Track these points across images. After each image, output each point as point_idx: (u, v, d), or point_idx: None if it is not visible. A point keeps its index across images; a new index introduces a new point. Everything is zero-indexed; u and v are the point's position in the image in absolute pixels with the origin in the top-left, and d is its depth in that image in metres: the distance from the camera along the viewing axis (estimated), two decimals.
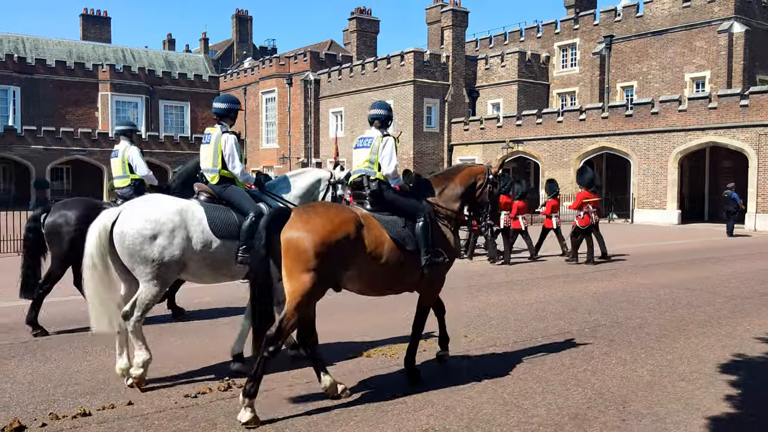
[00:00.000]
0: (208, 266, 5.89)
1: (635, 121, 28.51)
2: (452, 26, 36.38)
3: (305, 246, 4.93)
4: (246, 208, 6.06)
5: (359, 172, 5.93)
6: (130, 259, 5.57)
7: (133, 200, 6.00)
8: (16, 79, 44.50)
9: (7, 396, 5.49)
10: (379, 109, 6.16)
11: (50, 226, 7.77)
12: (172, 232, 5.62)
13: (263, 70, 45.63)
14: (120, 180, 8.36)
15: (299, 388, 5.66)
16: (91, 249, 5.59)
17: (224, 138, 6.17)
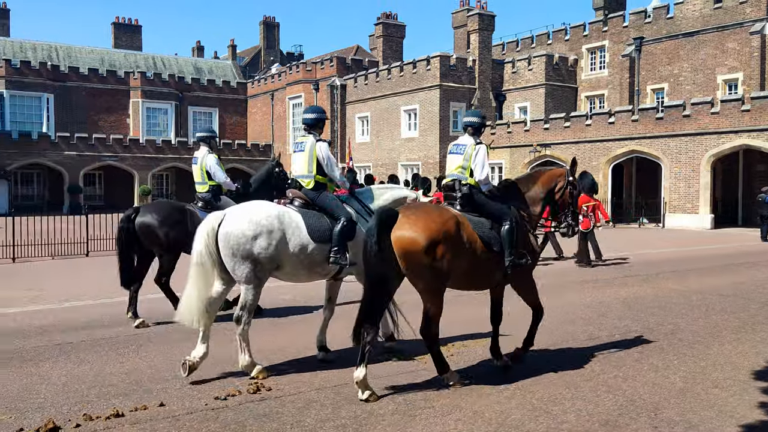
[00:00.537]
0: (304, 267, 6.31)
1: (666, 123, 28.10)
2: (479, 30, 36.28)
3: (418, 245, 5.39)
4: (338, 213, 6.47)
5: (452, 177, 6.40)
6: (232, 258, 5.97)
7: (237, 205, 6.48)
8: (50, 87, 45.48)
9: (42, 397, 5.60)
10: (472, 117, 6.56)
11: (141, 225, 8.46)
12: (271, 234, 6.02)
13: (290, 76, 45.98)
14: (200, 186, 9.02)
15: (328, 392, 5.68)
16: (199, 247, 6.05)
17: (318, 146, 6.60)
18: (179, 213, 8.69)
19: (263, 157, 48.54)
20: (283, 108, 47.23)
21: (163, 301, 9.02)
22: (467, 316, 8.90)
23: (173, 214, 8.61)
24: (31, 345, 7.44)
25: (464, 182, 6.26)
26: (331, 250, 6.29)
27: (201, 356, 6.04)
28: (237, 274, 6.02)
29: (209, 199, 8.90)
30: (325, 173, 6.60)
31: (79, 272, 14.30)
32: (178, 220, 8.59)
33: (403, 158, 37.67)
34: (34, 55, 47.70)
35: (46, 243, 17.19)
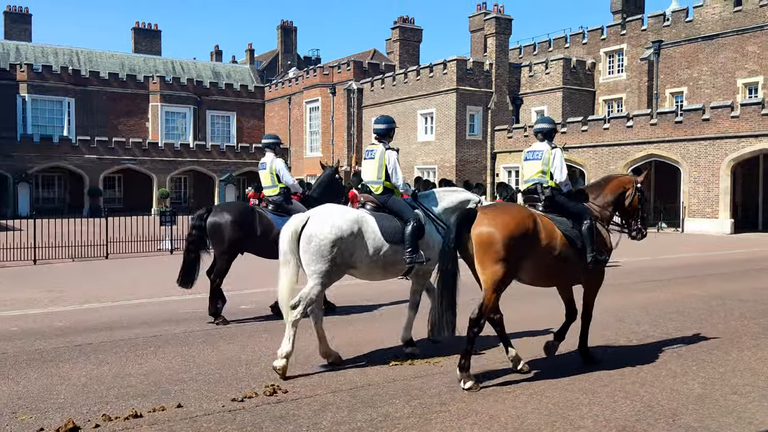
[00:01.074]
0: (379, 267, 6.73)
1: (685, 127, 27.84)
2: (495, 34, 36.22)
3: (495, 239, 5.77)
4: (407, 215, 6.86)
5: (533, 181, 6.78)
6: (311, 257, 6.34)
7: (318, 208, 6.75)
8: (71, 91, 46.08)
9: (62, 397, 5.68)
10: (543, 124, 6.91)
11: (212, 224, 8.79)
12: (350, 236, 6.41)
13: (307, 80, 46.19)
14: (269, 189, 9.34)
15: (344, 394, 5.71)
16: (284, 247, 6.45)
17: (387, 154, 7.06)
18: (249, 214, 8.97)
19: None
20: (300, 112, 47.44)
21: None
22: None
23: (244, 215, 8.89)
24: (51, 346, 7.55)
25: (545, 185, 6.66)
26: (405, 251, 6.68)
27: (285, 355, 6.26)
28: (311, 269, 6.38)
29: (280, 202, 9.20)
30: (390, 180, 7.03)
31: (99, 274, 14.47)
32: (247, 222, 8.89)
33: (420, 162, 37.68)
34: (56, 59, 48.35)
35: (66, 245, 17.42)
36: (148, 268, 15.53)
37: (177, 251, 19.05)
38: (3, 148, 40.50)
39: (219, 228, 8.77)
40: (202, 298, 11.08)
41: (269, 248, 8.80)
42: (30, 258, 16.72)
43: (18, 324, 8.90)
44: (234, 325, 8.74)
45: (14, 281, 13.41)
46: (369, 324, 8.72)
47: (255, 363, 6.74)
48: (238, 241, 8.82)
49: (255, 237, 8.88)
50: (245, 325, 8.74)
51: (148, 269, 15.38)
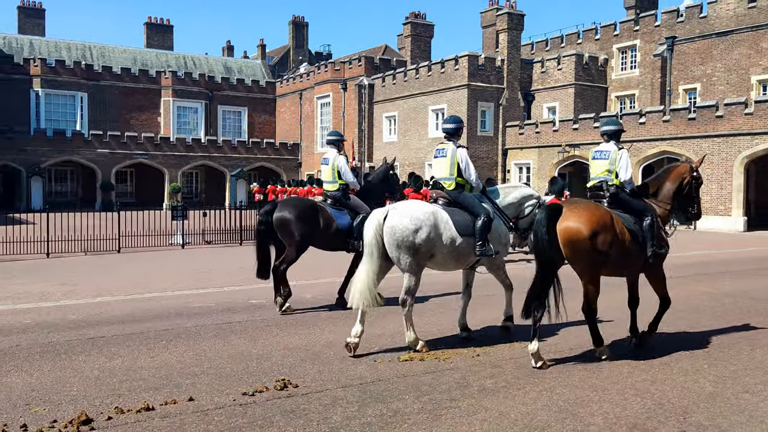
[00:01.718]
0: (453, 257, 7.19)
1: (698, 124, 27.64)
2: (507, 29, 36.07)
3: (582, 235, 6.30)
4: (478, 210, 7.30)
5: (599, 179, 7.23)
6: (397, 248, 6.84)
7: (398, 203, 7.25)
8: (84, 86, 46.35)
9: (75, 390, 5.73)
10: (609, 126, 7.39)
11: (279, 219, 9.12)
12: (429, 227, 6.87)
13: (318, 76, 46.22)
14: (329, 184, 9.68)
15: (354, 389, 5.73)
16: (368, 239, 6.91)
17: (459, 152, 7.48)
18: (312, 209, 9.28)
19: (291, 155, 48.89)
20: (311, 107, 47.48)
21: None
22: (496, 318, 8.90)
23: (307, 210, 9.21)
24: (64, 339, 7.62)
25: (611, 183, 7.12)
26: (476, 244, 7.15)
27: (412, 340, 6.91)
28: (401, 263, 6.90)
29: (339, 197, 9.52)
30: (463, 176, 7.45)
31: (111, 268, 14.58)
32: (312, 216, 9.22)
33: (430, 157, 37.51)
34: (69, 54, 48.63)
35: (78, 239, 17.55)
36: (159, 262, 15.62)
37: (188, 245, 19.16)
38: (16, 143, 40.82)
39: (285, 222, 9.09)
40: (212, 292, 11.16)
41: (330, 241, 9.42)
42: (43, 251, 16.86)
43: (31, 317, 8.99)
44: (245, 319, 8.78)
45: (28, 274, 13.53)
46: (378, 319, 8.73)
47: (266, 357, 6.77)
48: (305, 234, 9.14)
49: (318, 230, 9.22)
50: (256, 319, 8.78)
51: (159, 263, 15.47)
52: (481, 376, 6.11)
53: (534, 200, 7.88)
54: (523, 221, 7.84)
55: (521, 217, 7.85)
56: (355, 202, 9.52)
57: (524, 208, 7.88)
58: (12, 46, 47.03)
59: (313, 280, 12.61)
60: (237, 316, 9.00)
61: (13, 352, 6.99)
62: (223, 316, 8.99)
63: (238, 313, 9.16)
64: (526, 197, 7.87)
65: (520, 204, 7.84)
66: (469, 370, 6.31)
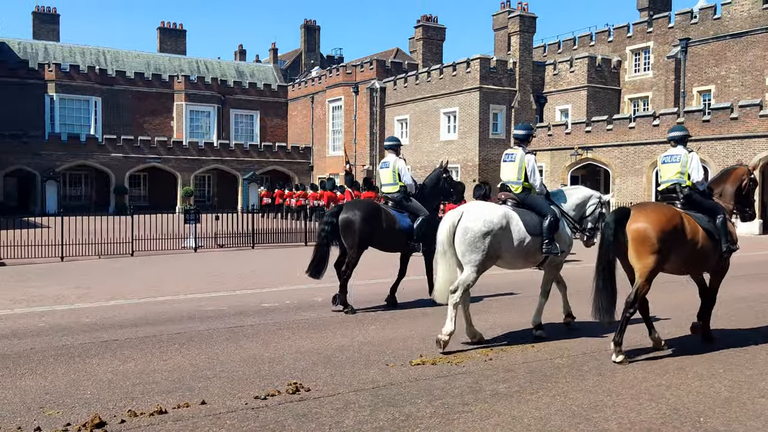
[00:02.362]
0: (521, 257, 7.59)
1: (713, 126, 27.42)
2: (519, 32, 35.97)
3: (650, 234, 6.64)
4: (545, 211, 7.72)
5: (671, 182, 7.62)
6: (467, 248, 7.17)
7: (469, 204, 7.65)
8: (98, 90, 46.72)
9: (88, 393, 5.76)
10: (677, 132, 7.76)
11: (344, 220, 9.41)
12: (501, 229, 7.27)
13: (330, 79, 46.31)
14: (389, 187, 10.03)
15: (366, 393, 5.71)
16: (442, 239, 7.28)
17: (527, 158, 7.91)
18: (376, 211, 9.63)
19: (303, 159, 49.01)
20: (322, 111, 47.57)
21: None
22: (509, 322, 8.85)
23: (372, 212, 9.55)
24: (78, 342, 7.66)
25: (684, 185, 7.50)
26: (543, 242, 7.55)
27: (448, 333, 7.03)
28: (466, 258, 7.20)
29: (399, 200, 9.89)
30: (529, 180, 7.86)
31: (125, 271, 14.66)
32: (375, 218, 9.54)
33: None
34: (83, 59, 49.05)
35: (92, 243, 17.67)
36: (172, 266, 15.69)
37: (201, 249, 19.24)
38: (31, 147, 41.20)
39: (351, 224, 9.36)
40: (224, 296, 11.19)
41: (392, 242, 9.85)
42: (57, 255, 16.99)
43: (46, 320, 9.05)
44: (258, 323, 8.79)
45: (43, 278, 13.64)
46: (389, 323, 8.72)
47: (278, 361, 6.78)
48: (367, 235, 9.44)
49: (380, 231, 9.55)
50: (268, 322, 8.79)
51: (172, 266, 15.55)
52: (494, 381, 6.08)
53: (596, 200, 8.29)
54: (585, 222, 8.25)
55: (585, 216, 8.23)
56: (415, 205, 9.94)
57: (587, 208, 8.28)
58: (27, 52, 47.52)
59: (324, 283, 12.61)
60: (249, 319, 9.02)
61: (28, 355, 7.04)
62: (235, 319, 9.01)
63: (250, 317, 9.18)
64: (587, 198, 8.28)
65: (582, 205, 8.25)
66: (481, 374, 6.28)
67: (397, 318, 9.09)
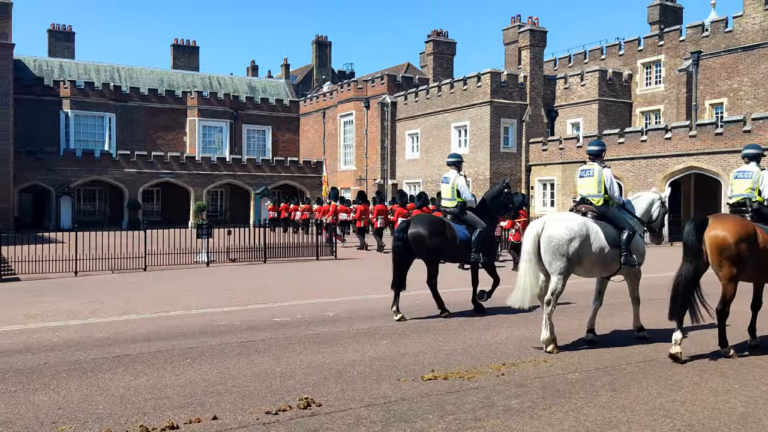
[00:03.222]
0: (600, 265, 8.08)
1: (726, 139, 27.27)
2: (530, 46, 36.05)
3: (728, 241, 7.12)
4: (623, 224, 8.26)
5: (742, 196, 8.23)
6: (552, 256, 7.73)
7: (550, 215, 8.26)
8: (112, 107, 47.21)
9: (101, 408, 5.78)
10: (751, 150, 8.47)
11: (413, 235, 9.99)
12: (581, 238, 7.78)
13: (341, 94, 46.56)
14: (448, 201, 10.64)
15: (377, 409, 5.69)
16: (527, 247, 7.84)
17: (605, 172, 8.40)
18: (441, 225, 10.22)
19: (315, 173, 49.19)
20: (334, 126, 47.79)
21: None
22: (521, 336, 8.81)
23: (437, 226, 10.14)
24: (91, 357, 7.70)
25: (754, 200, 8.09)
26: (621, 254, 8.04)
27: (546, 339, 7.69)
28: (552, 267, 7.75)
29: (457, 213, 10.49)
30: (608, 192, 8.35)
31: (137, 286, 14.74)
32: (441, 231, 10.13)
33: None
34: (98, 76, 49.62)
35: (106, 257, 17.79)
36: (185, 280, 15.76)
37: (213, 263, 19.32)
38: (46, 163, 41.64)
39: (420, 238, 9.95)
40: (236, 310, 11.21)
41: (455, 253, 10.47)
42: (71, 270, 17.11)
43: (59, 335, 9.11)
44: (269, 337, 8.80)
45: (56, 292, 13.74)
46: (401, 337, 8.70)
47: (289, 376, 6.77)
48: (436, 248, 10.06)
49: (446, 243, 10.14)
50: (280, 337, 8.79)
51: (185, 281, 15.61)
52: (506, 396, 6.04)
53: (658, 201, 8.81)
54: (654, 224, 8.83)
55: (653, 220, 8.79)
56: (472, 218, 10.51)
57: (653, 211, 8.83)
58: (42, 69, 48.16)
59: (334, 298, 12.61)
60: (261, 334, 9.03)
61: (41, 370, 7.08)
62: (247, 334, 9.02)
63: (261, 331, 9.19)
64: (651, 201, 8.81)
65: (649, 209, 8.79)
66: (493, 390, 6.25)
67: (409, 333, 9.06)
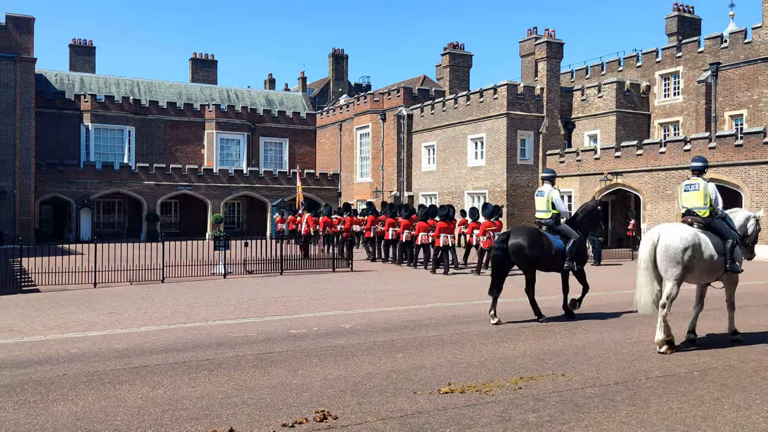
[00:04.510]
0: (708, 271, 8.69)
1: (746, 151, 26.99)
2: (547, 58, 36.01)
3: None
4: (728, 234, 8.85)
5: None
6: (668, 263, 8.40)
7: (664, 225, 8.80)
8: (132, 120, 47.80)
9: (118, 419, 5.81)
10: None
11: (513, 245, 10.69)
12: (694, 247, 8.42)
13: (358, 107, 46.76)
14: (544, 213, 11.33)
15: (394, 422, 5.66)
16: (644, 256, 8.56)
17: (709, 186, 9.08)
18: (539, 236, 10.93)
19: (331, 185, 49.35)
20: (350, 138, 47.97)
21: None
22: (539, 350, 8.73)
23: (535, 237, 10.84)
24: (109, 368, 7.75)
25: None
26: (726, 261, 8.65)
27: (661, 340, 8.37)
28: (668, 273, 8.42)
29: (552, 224, 11.21)
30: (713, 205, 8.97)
31: (155, 297, 14.83)
32: (539, 242, 10.83)
33: (470, 187, 37.52)
34: (118, 90, 50.30)
35: (124, 269, 17.93)
36: (202, 292, 15.84)
37: (230, 275, 19.40)
38: (67, 175, 42.18)
39: (519, 248, 10.67)
40: (252, 322, 11.24)
41: (550, 262, 11.05)
42: (90, 281, 17.27)
43: (78, 346, 9.18)
44: (285, 349, 8.80)
45: (76, 304, 13.86)
46: (417, 350, 8.66)
47: (305, 388, 6.77)
48: (534, 258, 10.75)
49: (543, 253, 10.84)
50: (296, 349, 8.79)
51: (202, 293, 15.69)
52: (524, 410, 5.98)
53: (753, 219, 9.41)
54: (749, 239, 9.36)
55: (747, 234, 9.33)
56: (566, 229, 11.24)
57: (749, 226, 9.40)
58: (64, 83, 48.91)
59: (350, 310, 12.60)
60: (277, 346, 9.04)
61: (60, 381, 7.13)
62: (263, 346, 9.03)
63: (278, 343, 9.20)
64: (748, 218, 9.40)
65: (745, 224, 9.36)
66: (511, 403, 6.19)
67: (425, 345, 9.02)
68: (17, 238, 30.95)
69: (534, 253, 10.71)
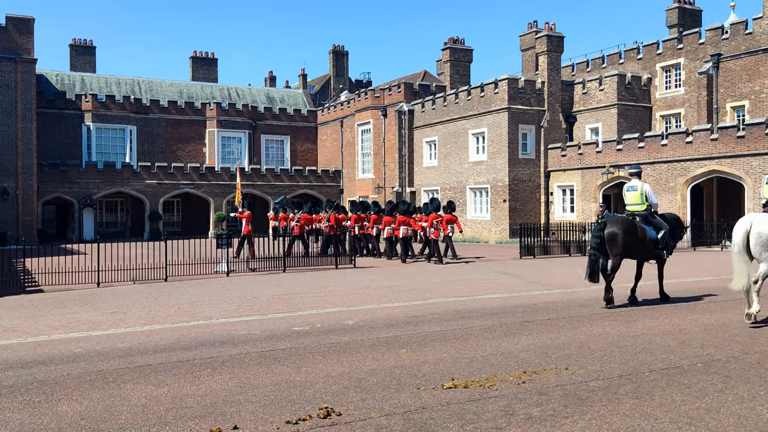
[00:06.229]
0: None
1: (748, 142, 26.93)
2: (547, 52, 35.94)
3: None
4: None
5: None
6: (762, 248, 9.40)
7: (754, 214, 9.74)
8: (133, 119, 47.84)
9: (123, 418, 5.82)
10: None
11: (609, 234, 11.48)
12: None
13: (359, 103, 46.74)
14: (636, 206, 12.09)
15: (397, 418, 5.66)
16: (737, 240, 9.50)
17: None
18: (633, 225, 11.65)
19: (333, 182, 49.38)
20: (352, 134, 47.95)
21: None
22: (542, 344, 8.74)
23: (630, 226, 11.58)
24: (113, 367, 7.77)
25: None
26: None
27: (757, 311, 9.48)
28: (762, 256, 9.42)
29: (646, 215, 11.99)
30: None
31: (158, 296, 14.86)
32: (633, 231, 11.57)
33: (472, 181, 37.51)
34: (119, 89, 50.33)
35: (128, 268, 17.97)
36: (205, 290, 15.86)
37: (233, 273, 19.43)
38: (69, 175, 42.26)
39: (615, 236, 11.44)
40: (256, 320, 11.26)
41: (645, 251, 11.83)
42: (94, 281, 17.30)
43: (82, 345, 9.20)
44: (289, 347, 8.82)
45: (79, 303, 13.90)
46: (421, 345, 8.67)
47: (309, 385, 6.78)
48: (627, 245, 11.47)
49: (637, 242, 11.60)
50: (299, 346, 8.81)
51: (205, 291, 15.71)
52: (528, 404, 5.98)
53: None
54: None
55: None
56: (658, 220, 12.11)
57: None
58: (64, 83, 48.95)
59: (353, 306, 12.62)
60: (280, 343, 9.05)
61: (64, 381, 7.15)
62: (266, 343, 9.05)
63: (281, 341, 9.21)
64: None
65: None
66: (514, 398, 6.19)
67: (428, 341, 9.03)
68: (20, 238, 31.04)
69: (628, 241, 11.42)
